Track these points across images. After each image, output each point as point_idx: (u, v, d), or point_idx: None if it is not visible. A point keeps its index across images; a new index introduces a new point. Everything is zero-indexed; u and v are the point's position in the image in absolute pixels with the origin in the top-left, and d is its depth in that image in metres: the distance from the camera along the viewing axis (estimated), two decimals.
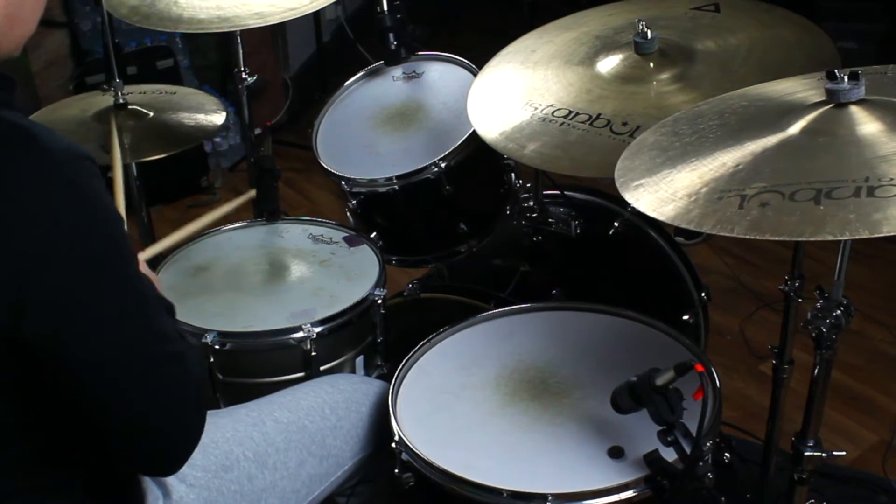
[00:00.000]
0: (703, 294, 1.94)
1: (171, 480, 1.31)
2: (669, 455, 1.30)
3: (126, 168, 2.05)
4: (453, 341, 1.65)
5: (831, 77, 1.23)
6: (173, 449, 1.14)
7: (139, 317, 1.07)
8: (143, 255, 1.59)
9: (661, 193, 1.22)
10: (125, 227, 1.06)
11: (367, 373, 1.81)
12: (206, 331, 1.64)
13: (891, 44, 3.85)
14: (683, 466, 1.28)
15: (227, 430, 1.42)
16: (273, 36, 3.93)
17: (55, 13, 3.35)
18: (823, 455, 1.49)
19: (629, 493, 1.30)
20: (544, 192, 1.98)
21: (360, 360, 1.79)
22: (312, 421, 1.49)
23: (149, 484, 1.30)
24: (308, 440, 1.47)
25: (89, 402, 1.08)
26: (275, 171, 2.00)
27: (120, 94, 2.12)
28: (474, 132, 1.73)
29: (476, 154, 1.90)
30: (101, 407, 1.08)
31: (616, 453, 1.36)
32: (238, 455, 1.39)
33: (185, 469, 1.31)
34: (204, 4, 1.93)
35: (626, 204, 1.28)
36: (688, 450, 1.28)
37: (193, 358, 1.14)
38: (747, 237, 1.09)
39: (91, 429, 1.13)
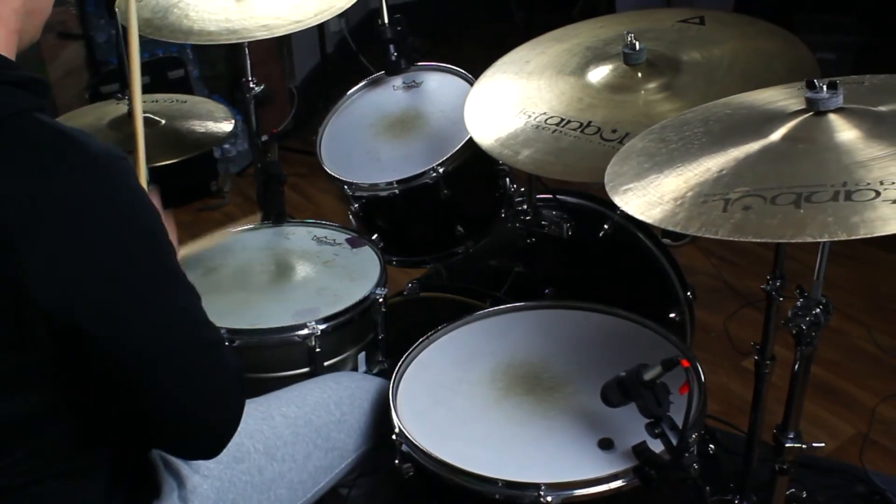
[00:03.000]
0: (688, 293, 1.93)
1: (186, 471, 1.32)
2: (657, 446, 1.30)
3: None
4: (451, 338, 1.65)
5: (811, 86, 1.23)
6: (216, 433, 1.16)
7: (183, 306, 1.09)
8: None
9: (648, 197, 1.22)
10: (161, 220, 1.08)
11: (369, 368, 1.81)
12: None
13: (867, 55, 3.86)
14: (670, 457, 1.28)
15: None
16: (279, 47, 3.93)
17: (71, 26, 3.35)
18: (803, 447, 1.49)
19: (618, 483, 1.30)
20: (537, 196, 1.98)
21: (362, 356, 1.79)
22: (318, 416, 1.49)
23: (165, 474, 1.30)
24: (314, 434, 1.47)
25: (135, 390, 1.08)
26: (281, 176, 2.00)
27: None
28: (471, 139, 1.73)
29: (473, 160, 1.90)
30: (146, 395, 1.09)
31: (606, 445, 1.36)
32: (249, 448, 1.40)
33: (198, 460, 1.32)
34: (213, 17, 1.92)
35: (615, 207, 1.28)
36: (674, 441, 1.28)
37: (227, 345, 1.15)
38: (731, 239, 1.09)
39: (124, 416, 1.14)
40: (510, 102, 1.71)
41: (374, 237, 1.96)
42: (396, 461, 1.42)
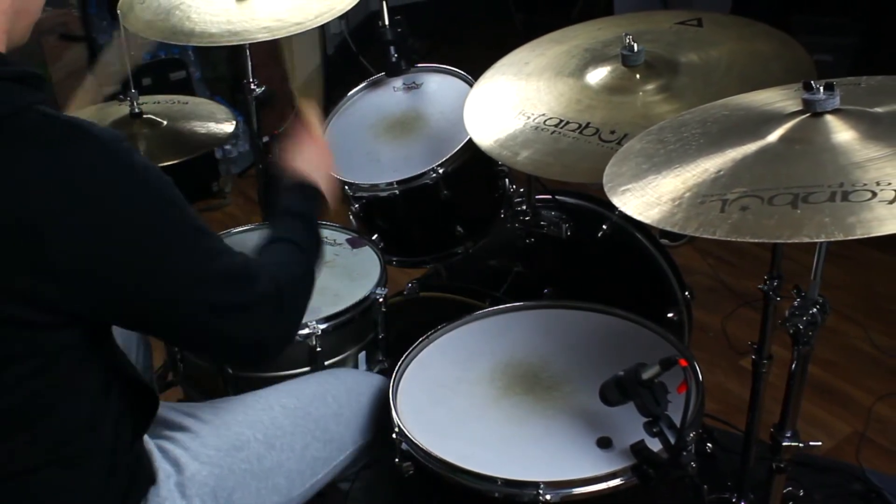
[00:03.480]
0: (686, 293, 1.94)
1: (184, 458, 1.34)
2: (655, 445, 1.30)
3: None
4: (451, 338, 1.65)
5: (808, 88, 1.23)
6: (261, 347, 1.26)
7: (201, 249, 1.17)
8: None
9: (646, 198, 1.22)
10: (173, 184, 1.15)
11: (369, 367, 1.81)
12: None
13: (864, 56, 3.86)
14: (668, 456, 1.28)
15: (238, 414, 1.45)
16: (280, 49, 3.92)
17: (74, 28, 3.35)
18: (800, 445, 1.50)
19: (617, 481, 1.30)
20: (536, 197, 1.98)
21: (362, 356, 1.79)
22: (316, 408, 1.50)
23: (161, 461, 1.32)
24: (312, 425, 1.48)
25: (173, 322, 1.18)
26: None
27: (136, 103, 2.12)
28: (470, 140, 1.73)
29: (472, 161, 1.90)
30: (185, 326, 1.19)
31: (604, 443, 1.36)
32: (249, 437, 1.41)
33: (198, 448, 1.36)
34: (215, 19, 1.92)
35: (613, 208, 1.28)
36: (672, 440, 1.28)
37: (271, 261, 1.29)
38: (728, 239, 1.09)
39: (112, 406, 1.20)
40: (509, 104, 1.71)
41: (374, 237, 1.96)
42: (396, 460, 1.42)
